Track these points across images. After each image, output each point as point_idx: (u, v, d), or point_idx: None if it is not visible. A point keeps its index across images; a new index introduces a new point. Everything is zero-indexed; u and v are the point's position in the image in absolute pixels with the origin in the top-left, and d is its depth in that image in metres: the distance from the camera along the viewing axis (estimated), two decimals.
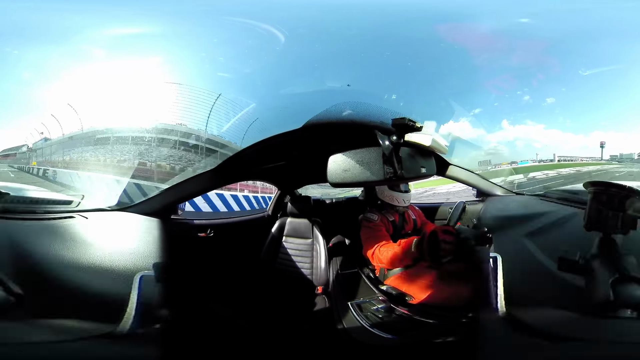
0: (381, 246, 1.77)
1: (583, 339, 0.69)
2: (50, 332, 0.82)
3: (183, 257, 1.79)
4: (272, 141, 1.70)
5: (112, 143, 3.35)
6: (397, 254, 1.65)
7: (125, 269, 1.24)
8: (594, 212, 0.92)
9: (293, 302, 2.20)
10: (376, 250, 1.78)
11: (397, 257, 1.65)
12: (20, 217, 1.40)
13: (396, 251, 1.65)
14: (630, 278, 0.77)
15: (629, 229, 0.89)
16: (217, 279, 2.23)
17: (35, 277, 1.07)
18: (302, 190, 3.35)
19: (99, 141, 3.51)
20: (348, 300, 1.80)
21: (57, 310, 1.02)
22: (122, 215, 1.69)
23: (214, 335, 1.67)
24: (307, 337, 1.87)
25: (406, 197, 2.09)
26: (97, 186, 3.05)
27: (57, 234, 1.34)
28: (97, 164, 3.40)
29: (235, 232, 2.81)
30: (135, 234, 1.54)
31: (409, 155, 0.98)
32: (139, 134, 3.06)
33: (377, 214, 2.03)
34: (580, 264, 0.85)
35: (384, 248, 1.75)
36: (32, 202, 1.56)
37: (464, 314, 1.45)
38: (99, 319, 1.02)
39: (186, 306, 1.72)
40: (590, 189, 0.94)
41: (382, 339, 1.55)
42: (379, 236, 1.88)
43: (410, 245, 1.57)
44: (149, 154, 3.18)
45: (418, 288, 1.71)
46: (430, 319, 1.55)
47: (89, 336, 0.88)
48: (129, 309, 1.02)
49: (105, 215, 1.68)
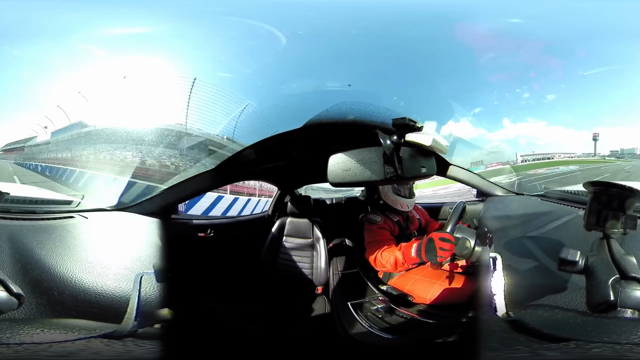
0: (383, 251, 1.78)
1: (583, 339, 0.69)
2: (51, 332, 0.82)
3: (183, 257, 1.79)
4: (272, 141, 1.70)
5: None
6: (398, 259, 1.67)
7: (125, 268, 1.24)
8: (594, 212, 0.92)
9: (293, 302, 2.20)
10: (378, 255, 1.78)
11: (399, 262, 1.67)
12: (20, 217, 1.40)
13: (397, 256, 1.68)
14: (630, 278, 0.77)
15: (629, 229, 0.89)
16: (217, 279, 2.23)
17: (36, 277, 1.07)
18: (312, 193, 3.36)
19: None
20: (348, 300, 1.80)
21: (57, 310, 1.02)
22: (122, 215, 1.69)
23: (214, 335, 1.67)
24: (307, 337, 1.87)
25: (410, 202, 2.07)
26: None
27: (57, 234, 1.34)
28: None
29: (235, 232, 2.81)
30: (135, 234, 1.54)
31: (409, 155, 0.98)
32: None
33: (380, 215, 1.99)
34: (580, 264, 0.85)
35: (385, 253, 1.76)
36: (32, 202, 1.56)
37: (464, 314, 1.45)
38: (99, 319, 1.02)
39: (186, 306, 1.72)
40: (590, 189, 0.94)
41: (382, 339, 1.55)
42: (380, 241, 1.86)
43: (411, 250, 1.61)
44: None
45: (419, 288, 1.71)
46: (430, 319, 1.55)
47: (89, 336, 0.88)
48: (129, 308, 1.02)
49: (105, 215, 1.68)
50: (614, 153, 5.16)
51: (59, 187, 3.24)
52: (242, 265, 2.52)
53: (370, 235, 1.93)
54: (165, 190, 1.80)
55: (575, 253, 0.85)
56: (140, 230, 1.57)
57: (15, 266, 1.07)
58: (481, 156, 3.82)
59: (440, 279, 1.68)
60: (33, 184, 3.35)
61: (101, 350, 0.79)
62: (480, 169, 3.32)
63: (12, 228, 1.29)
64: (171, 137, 3.24)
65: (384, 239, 1.87)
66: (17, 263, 1.09)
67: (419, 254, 1.57)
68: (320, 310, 2.08)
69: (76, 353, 0.75)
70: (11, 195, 1.42)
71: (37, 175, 3.72)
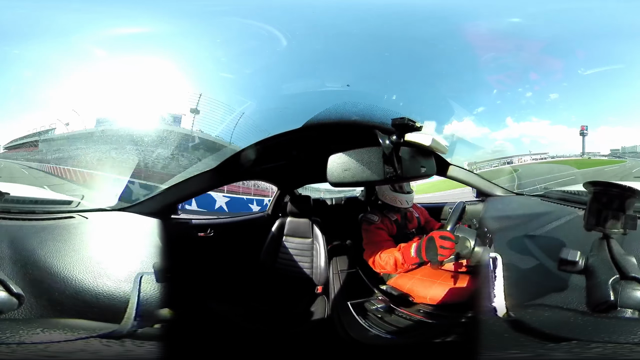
0: (382, 253, 1.77)
1: (583, 339, 0.69)
2: (51, 332, 0.82)
3: (183, 257, 1.79)
4: (272, 141, 1.70)
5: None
6: (398, 259, 1.67)
7: (125, 268, 1.24)
8: (594, 212, 0.92)
9: (293, 302, 2.20)
10: (377, 257, 1.78)
11: (399, 263, 1.67)
12: (20, 217, 1.40)
13: (397, 257, 1.67)
14: (630, 278, 0.77)
15: (629, 229, 0.89)
16: (217, 278, 2.23)
17: (36, 277, 1.07)
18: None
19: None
20: (348, 300, 1.79)
21: (57, 310, 1.02)
22: (122, 215, 1.69)
23: (214, 335, 1.67)
24: (307, 336, 1.87)
25: (409, 198, 2.07)
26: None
27: (57, 234, 1.34)
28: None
29: (235, 232, 2.81)
30: (135, 234, 1.54)
31: (409, 155, 0.98)
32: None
33: (378, 215, 2.00)
34: (580, 264, 0.85)
35: (384, 254, 1.75)
36: (32, 202, 1.56)
37: (464, 314, 1.45)
38: (99, 319, 1.02)
39: (186, 306, 1.72)
40: (590, 189, 0.94)
41: (382, 339, 1.55)
42: (377, 242, 1.86)
43: (410, 250, 1.61)
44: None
45: (419, 288, 1.71)
46: (430, 318, 1.55)
47: (89, 336, 0.88)
48: (129, 308, 1.02)
49: (105, 215, 1.68)
50: (614, 152, 5.10)
51: (59, 187, 3.24)
52: (242, 265, 2.52)
53: (368, 236, 1.93)
54: (165, 190, 1.80)
55: (575, 253, 0.85)
56: (140, 230, 1.57)
57: (15, 266, 1.07)
58: (485, 155, 3.82)
59: (440, 279, 1.68)
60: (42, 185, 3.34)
61: (101, 350, 0.79)
62: (484, 169, 3.31)
63: (12, 228, 1.29)
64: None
65: (381, 240, 1.86)
66: (17, 263, 1.09)
67: (419, 254, 1.56)
68: (320, 310, 2.08)
69: (76, 353, 0.75)
70: (11, 195, 1.42)
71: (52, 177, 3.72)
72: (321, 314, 2.03)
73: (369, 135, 1.01)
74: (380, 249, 1.79)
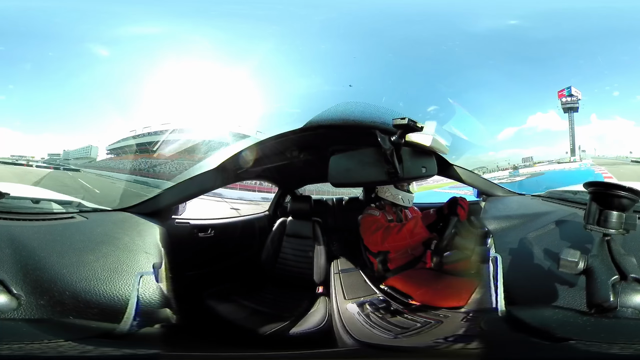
0: (386, 227, 1.85)
1: (583, 339, 0.69)
2: (51, 331, 0.82)
3: (183, 257, 1.79)
4: (272, 141, 1.70)
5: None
6: (410, 225, 1.74)
7: (125, 268, 1.24)
8: (594, 212, 0.92)
9: (294, 302, 2.20)
10: (383, 231, 1.83)
11: (408, 230, 1.72)
12: (21, 217, 1.40)
13: (409, 224, 1.75)
14: (630, 278, 0.77)
15: (629, 229, 0.89)
16: (217, 279, 2.23)
17: (36, 277, 1.07)
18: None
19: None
20: (348, 300, 1.80)
21: (57, 310, 1.02)
22: (122, 215, 1.69)
23: (214, 335, 1.67)
24: (307, 336, 1.87)
25: (410, 197, 2.13)
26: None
27: (57, 234, 1.34)
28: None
29: (235, 232, 2.81)
30: (135, 234, 1.54)
31: (409, 155, 0.98)
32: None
33: (378, 212, 2.05)
34: (580, 264, 0.85)
35: (391, 226, 1.84)
36: (32, 202, 1.56)
37: (464, 314, 1.45)
38: (99, 319, 1.02)
39: (186, 306, 1.72)
40: (590, 189, 0.93)
41: (382, 339, 1.55)
42: (381, 225, 1.92)
43: (418, 220, 1.72)
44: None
45: (418, 288, 1.71)
46: (430, 318, 1.55)
47: (89, 336, 0.88)
48: (129, 308, 1.02)
49: (105, 215, 1.68)
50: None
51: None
52: (242, 266, 2.52)
53: (371, 221, 1.99)
54: (165, 191, 1.80)
55: (576, 253, 0.85)
56: (140, 230, 1.57)
57: (15, 266, 1.07)
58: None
59: (440, 278, 1.68)
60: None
61: (101, 350, 0.79)
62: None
63: (12, 228, 1.29)
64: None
65: (385, 224, 1.94)
66: (18, 263, 1.09)
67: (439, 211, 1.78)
68: (321, 310, 2.08)
69: (76, 353, 0.75)
70: (11, 195, 1.42)
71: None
72: (322, 313, 2.03)
73: (370, 136, 1.01)
74: (385, 226, 1.88)
